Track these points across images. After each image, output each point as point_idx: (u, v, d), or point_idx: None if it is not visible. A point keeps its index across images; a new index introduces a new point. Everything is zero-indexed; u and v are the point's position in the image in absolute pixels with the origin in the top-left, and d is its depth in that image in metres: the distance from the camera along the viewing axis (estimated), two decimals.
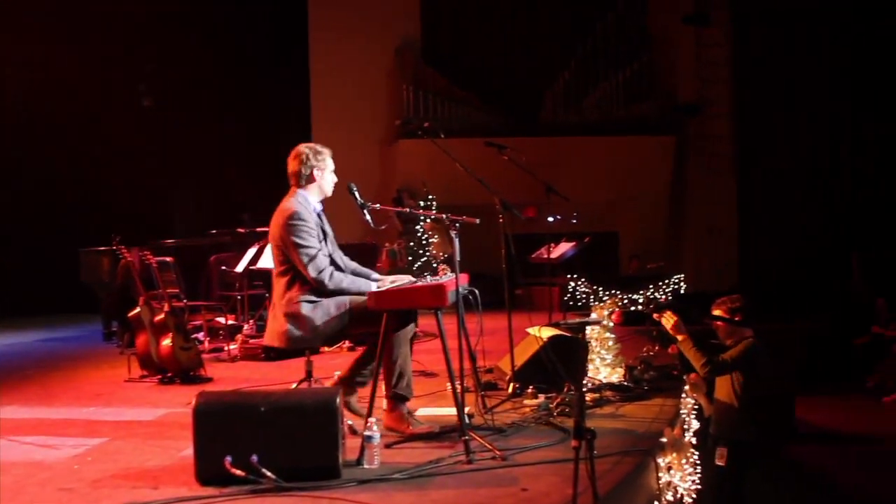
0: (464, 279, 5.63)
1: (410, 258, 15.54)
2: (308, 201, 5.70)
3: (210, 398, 4.72)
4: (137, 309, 8.24)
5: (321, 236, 5.64)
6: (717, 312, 6.48)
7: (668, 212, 18.61)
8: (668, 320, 6.20)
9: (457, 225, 5.40)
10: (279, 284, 5.68)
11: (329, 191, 5.83)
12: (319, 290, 5.53)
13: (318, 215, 5.76)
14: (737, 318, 6.43)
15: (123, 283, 10.71)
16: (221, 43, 16.73)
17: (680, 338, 6.21)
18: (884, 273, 15.37)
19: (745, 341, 6.34)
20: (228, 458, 4.43)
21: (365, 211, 5.86)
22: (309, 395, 5.07)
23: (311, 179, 5.72)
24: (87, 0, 16.03)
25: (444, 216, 5.56)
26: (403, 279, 5.81)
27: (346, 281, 5.59)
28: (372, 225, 5.94)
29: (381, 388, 5.43)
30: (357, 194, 5.85)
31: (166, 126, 16.71)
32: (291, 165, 5.75)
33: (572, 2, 18.48)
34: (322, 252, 5.57)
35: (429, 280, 5.72)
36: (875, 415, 12.36)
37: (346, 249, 6.10)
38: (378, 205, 6.03)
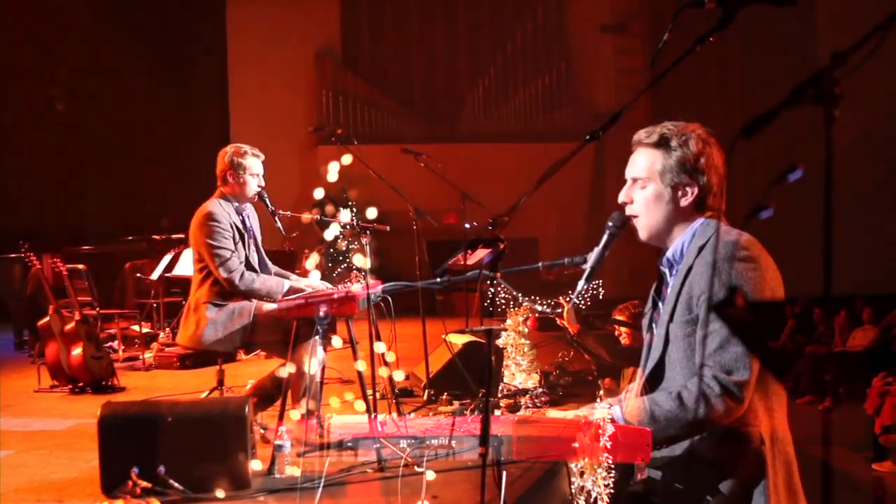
0: (377, 286, 5.61)
1: (331, 264, 15.45)
2: (229, 202, 5.69)
3: (115, 408, 4.63)
4: (47, 318, 8.09)
5: (237, 238, 5.62)
6: (619, 318, 6.50)
7: (588, 218, 18.78)
8: (564, 313, 6.13)
9: (367, 232, 5.40)
10: (195, 284, 5.69)
11: (249, 193, 5.78)
12: (229, 291, 5.51)
13: (243, 217, 5.73)
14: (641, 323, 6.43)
15: (34, 292, 10.52)
16: (139, 49, 16.50)
17: (573, 329, 6.14)
18: None
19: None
20: (135, 470, 4.36)
21: (276, 218, 5.83)
22: (217, 405, 5.00)
23: (228, 181, 5.71)
24: None
25: (353, 223, 5.55)
26: (318, 285, 5.77)
27: (257, 282, 5.58)
28: (283, 232, 5.91)
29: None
30: (267, 201, 5.82)
31: (80, 130, 16.42)
32: (217, 166, 5.76)
33: (492, 10, 18.59)
34: (235, 254, 5.55)
35: (351, 287, 5.68)
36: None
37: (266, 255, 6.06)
38: (289, 212, 6.00)
